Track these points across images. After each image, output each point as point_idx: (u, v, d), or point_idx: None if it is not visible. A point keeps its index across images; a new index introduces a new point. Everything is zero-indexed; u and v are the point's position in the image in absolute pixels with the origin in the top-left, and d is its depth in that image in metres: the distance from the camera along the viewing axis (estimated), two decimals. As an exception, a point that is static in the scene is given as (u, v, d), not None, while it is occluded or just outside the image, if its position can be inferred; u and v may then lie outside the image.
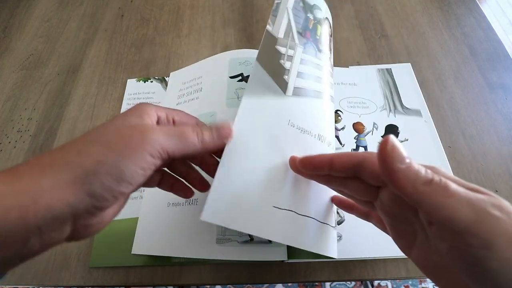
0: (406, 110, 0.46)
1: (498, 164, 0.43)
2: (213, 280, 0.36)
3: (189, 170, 0.30)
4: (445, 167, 0.42)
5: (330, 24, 0.42)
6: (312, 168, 0.26)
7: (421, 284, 1.02)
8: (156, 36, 0.59)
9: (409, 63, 0.52)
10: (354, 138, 0.43)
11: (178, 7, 0.63)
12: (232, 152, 0.27)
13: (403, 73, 0.51)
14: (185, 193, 0.30)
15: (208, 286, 0.84)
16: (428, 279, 1.01)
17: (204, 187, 0.29)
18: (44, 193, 0.18)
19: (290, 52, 0.34)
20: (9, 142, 0.47)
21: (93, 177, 0.19)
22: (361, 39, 0.57)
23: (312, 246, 0.28)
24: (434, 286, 1.01)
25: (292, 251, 0.36)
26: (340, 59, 0.54)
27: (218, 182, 0.26)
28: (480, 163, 0.43)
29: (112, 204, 0.21)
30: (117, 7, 0.64)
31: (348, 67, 0.52)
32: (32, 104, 0.51)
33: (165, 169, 0.29)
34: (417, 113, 0.46)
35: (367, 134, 0.44)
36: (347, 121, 0.45)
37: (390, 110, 0.46)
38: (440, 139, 0.44)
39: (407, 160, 0.20)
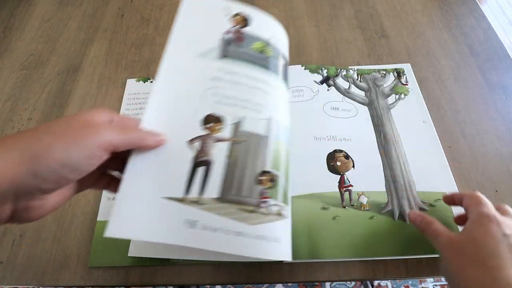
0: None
1: (498, 164, 0.43)
2: (213, 280, 0.36)
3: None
4: (444, 167, 0.42)
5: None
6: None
7: (421, 284, 1.02)
8: (156, 36, 0.59)
9: (409, 63, 0.52)
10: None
11: (178, 7, 0.63)
12: (136, 166, 0.29)
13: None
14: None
15: (208, 286, 0.84)
16: (428, 279, 1.01)
17: None
18: None
19: None
20: (9, 142, 0.47)
21: (40, 159, 0.21)
22: (361, 39, 0.57)
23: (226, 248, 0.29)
24: (434, 286, 1.01)
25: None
26: (340, 59, 0.54)
27: (121, 197, 0.28)
28: (480, 163, 0.43)
29: (55, 188, 0.23)
30: (117, 7, 0.64)
31: (348, 67, 0.52)
32: (32, 104, 0.51)
33: (115, 174, 0.30)
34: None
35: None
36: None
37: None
38: (440, 139, 0.44)
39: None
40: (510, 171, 0.42)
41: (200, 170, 0.31)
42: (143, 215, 0.28)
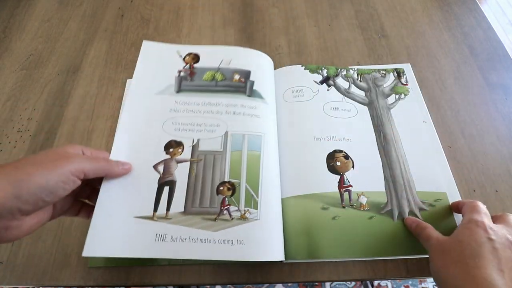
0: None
1: (498, 164, 0.43)
2: (213, 280, 0.36)
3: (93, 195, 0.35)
4: (444, 167, 0.42)
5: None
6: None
7: (421, 284, 1.02)
8: (156, 36, 0.59)
9: (409, 63, 0.52)
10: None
11: (178, 7, 0.63)
12: (107, 190, 0.33)
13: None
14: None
15: (208, 286, 0.84)
16: (428, 279, 1.01)
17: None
18: None
19: None
20: (9, 142, 0.47)
21: (22, 184, 0.24)
22: (361, 39, 0.57)
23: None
24: (434, 286, 1.01)
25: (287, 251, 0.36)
26: (340, 59, 0.54)
27: (96, 219, 0.32)
28: (480, 163, 0.43)
29: (33, 210, 0.26)
30: (117, 7, 0.64)
31: (348, 67, 0.52)
32: (32, 104, 0.51)
33: (86, 200, 0.34)
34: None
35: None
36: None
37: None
38: (440, 139, 0.44)
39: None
40: (510, 171, 0.42)
41: (166, 189, 0.36)
42: (116, 233, 0.32)
